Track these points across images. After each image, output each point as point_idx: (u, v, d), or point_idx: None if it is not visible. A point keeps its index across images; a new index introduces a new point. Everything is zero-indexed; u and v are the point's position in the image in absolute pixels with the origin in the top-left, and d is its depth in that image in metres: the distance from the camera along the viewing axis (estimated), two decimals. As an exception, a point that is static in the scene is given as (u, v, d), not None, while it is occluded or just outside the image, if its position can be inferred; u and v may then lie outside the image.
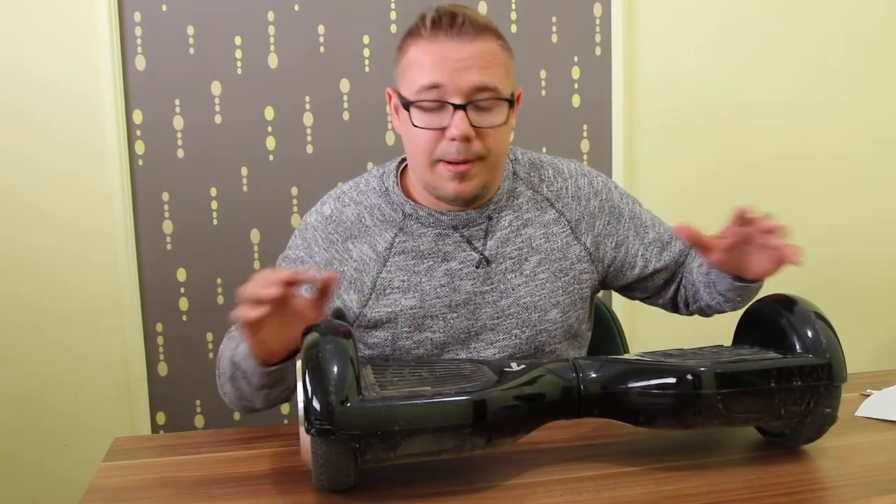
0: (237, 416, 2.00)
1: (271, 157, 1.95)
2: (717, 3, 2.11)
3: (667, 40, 2.09)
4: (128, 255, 1.89)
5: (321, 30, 1.93)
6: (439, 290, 1.12)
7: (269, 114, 1.93)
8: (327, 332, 0.84)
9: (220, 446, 0.99)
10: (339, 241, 1.15)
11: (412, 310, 1.12)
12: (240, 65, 1.91)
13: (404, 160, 1.19)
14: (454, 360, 0.98)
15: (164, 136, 1.90)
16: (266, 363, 0.97)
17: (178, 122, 1.90)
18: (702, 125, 2.14)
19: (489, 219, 1.15)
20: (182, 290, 1.94)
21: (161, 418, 1.97)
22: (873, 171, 2.25)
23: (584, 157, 2.08)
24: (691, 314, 1.27)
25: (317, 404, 0.78)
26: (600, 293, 1.31)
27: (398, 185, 1.16)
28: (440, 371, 0.90)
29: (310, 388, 0.78)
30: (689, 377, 0.86)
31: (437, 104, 1.04)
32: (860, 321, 2.23)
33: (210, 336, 1.97)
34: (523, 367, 0.89)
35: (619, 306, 2.00)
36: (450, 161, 1.05)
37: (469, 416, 0.80)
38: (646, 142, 2.11)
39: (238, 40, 1.90)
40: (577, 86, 2.06)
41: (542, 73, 2.03)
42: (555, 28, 2.03)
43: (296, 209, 1.97)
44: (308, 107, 1.95)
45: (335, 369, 0.79)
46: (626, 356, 0.94)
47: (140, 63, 1.87)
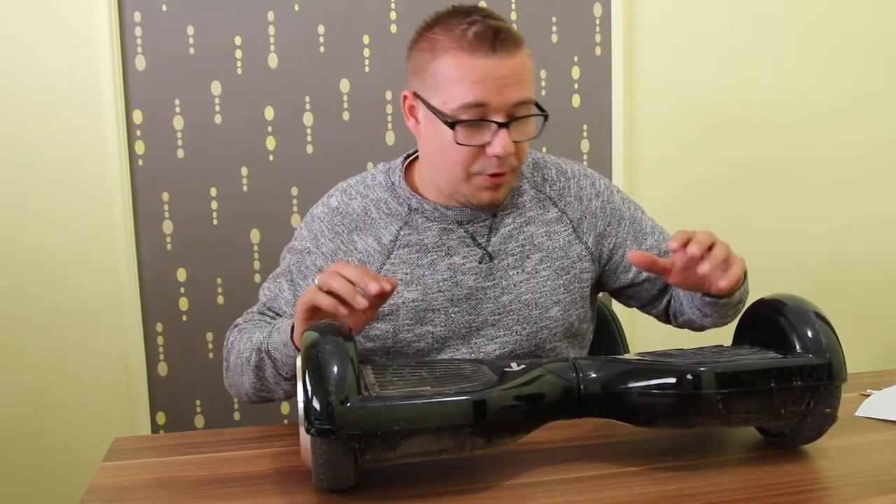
0: (237, 416, 2.00)
1: (271, 157, 1.95)
2: (716, 2, 2.11)
3: (667, 40, 2.09)
4: (128, 255, 1.89)
5: (321, 30, 1.93)
6: (441, 283, 1.13)
7: (269, 114, 1.93)
8: (327, 332, 0.84)
9: (220, 446, 0.99)
10: (344, 232, 1.16)
11: (414, 302, 1.12)
12: (240, 65, 1.91)
13: (409, 156, 1.20)
14: (454, 361, 0.98)
15: (164, 136, 1.90)
16: None
17: (178, 122, 1.90)
18: (702, 125, 2.14)
19: (493, 215, 1.16)
20: (182, 290, 1.94)
21: (161, 418, 1.97)
22: (873, 170, 2.25)
23: (584, 157, 2.08)
24: (681, 327, 1.26)
25: (317, 404, 0.77)
26: (600, 294, 1.31)
27: (404, 179, 1.16)
28: (440, 371, 0.90)
29: (310, 387, 0.78)
30: (689, 377, 0.86)
31: (480, 122, 1.04)
32: (860, 321, 2.23)
33: (210, 336, 1.97)
34: (523, 367, 0.89)
35: (619, 306, 1.99)
36: (487, 174, 1.07)
37: (469, 416, 0.80)
38: (646, 142, 2.11)
39: (238, 40, 1.90)
40: (577, 86, 2.06)
41: (542, 73, 2.03)
42: (555, 28, 2.03)
43: (296, 209, 1.97)
44: (308, 107, 1.95)
45: (335, 369, 0.79)
46: (626, 356, 0.94)
47: (140, 63, 1.87)
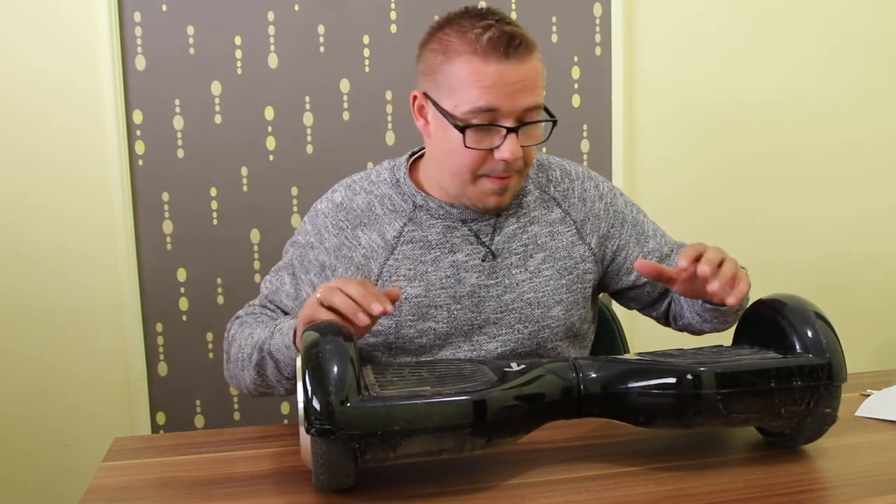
0: (237, 416, 2.00)
1: (271, 157, 1.95)
2: (716, 2, 2.11)
3: (667, 40, 2.09)
4: (128, 255, 1.89)
5: (321, 30, 1.93)
6: (444, 280, 1.13)
7: (269, 114, 1.93)
8: (327, 332, 0.84)
9: (220, 446, 0.99)
10: (348, 227, 1.16)
11: (416, 298, 1.12)
12: (240, 65, 1.91)
13: (414, 154, 1.20)
14: (454, 361, 0.98)
15: (164, 136, 1.90)
16: None
17: (178, 122, 1.90)
18: (701, 125, 2.14)
19: (497, 215, 1.16)
20: (182, 290, 1.94)
21: (161, 418, 1.97)
22: (873, 170, 2.25)
23: (584, 157, 2.08)
24: (680, 330, 1.26)
25: (317, 404, 0.78)
26: (600, 294, 1.31)
27: (409, 177, 1.17)
28: (440, 371, 0.90)
29: (310, 388, 0.78)
30: (689, 377, 0.86)
31: (489, 126, 1.05)
32: (860, 321, 2.23)
33: (210, 336, 1.97)
34: (523, 367, 0.89)
35: (619, 307, 2.00)
36: (494, 176, 1.08)
37: (469, 417, 0.80)
38: (646, 142, 2.11)
39: (238, 40, 1.90)
40: (577, 86, 2.06)
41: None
42: (555, 28, 2.03)
43: (296, 209, 1.97)
44: (308, 107, 1.95)
45: (335, 369, 0.79)
46: (626, 356, 0.94)
47: (140, 63, 1.87)
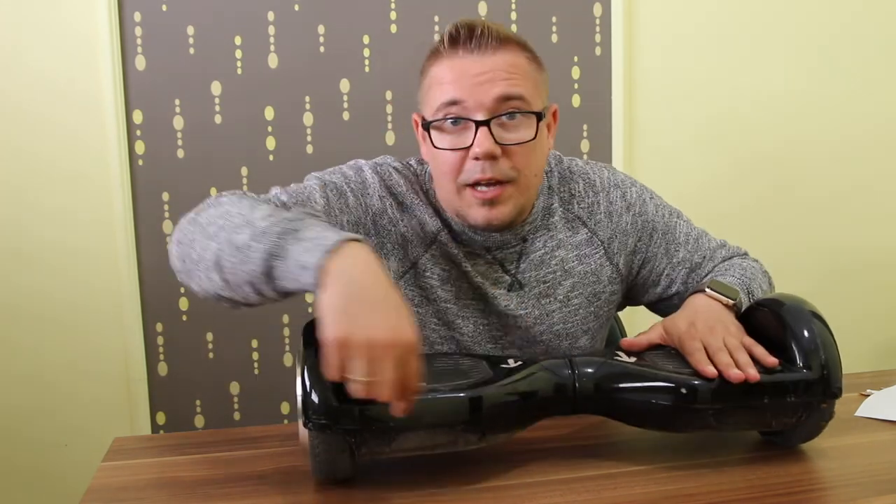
0: (237, 416, 2.00)
1: (271, 157, 1.95)
2: (717, 2, 2.11)
3: (667, 40, 2.09)
4: (128, 255, 1.89)
5: (321, 30, 1.93)
6: (475, 293, 1.07)
7: (269, 114, 1.93)
8: None
9: (220, 446, 0.99)
10: (391, 200, 1.06)
11: (445, 302, 1.06)
12: (240, 65, 1.91)
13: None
14: (453, 355, 0.98)
15: (164, 136, 1.89)
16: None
17: (178, 122, 1.90)
18: (702, 125, 2.14)
19: (524, 240, 1.09)
20: (182, 290, 1.94)
21: (161, 418, 1.97)
22: (874, 169, 2.25)
23: (584, 157, 2.07)
24: None
25: (315, 400, 0.78)
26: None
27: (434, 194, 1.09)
28: (439, 366, 0.91)
29: (308, 383, 0.79)
30: (684, 391, 0.86)
31: (457, 122, 0.98)
32: (860, 321, 2.23)
33: (210, 336, 1.97)
34: (520, 363, 0.90)
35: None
36: (477, 183, 0.98)
37: (462, 414, 0.81)
38: (646, 142, 2.11)
39: (238, 40, 1.90)
40: (577, 86, 2.06)
41: (542, 73, 2.03)
42: (555, 28, 2.03)
43: (296, 209, 1.96)
44: (308, 107, 1.95)
45: None
46: (623, 357, 0.93)
47: (140, 63, 1.87)
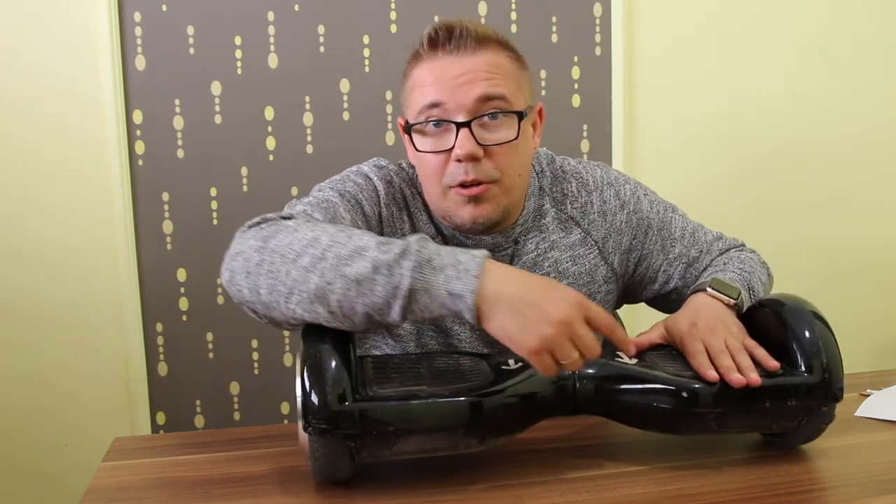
0: (237, 416, 2.00)
1: (271, 157, 1.95)
2: (717, 2, 2.11)
3: (667, 40, 2.09)
4: (128, 255, 1.89)
5: (321, 30, 1.93)
6: None
7: (269, 114, 1.93)
8: (327, 332, 0.84)
9: (220, 446, 0.99)
10: (395, 207, 1.08)
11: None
12: (240, 65, 1.91)
13: None
14: (454, 354, 0.98)
15: (164, 136, 1.89)
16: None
17: (178, 122, 1.90)
18: (702, 125, 2.14)
19: (515, 243, 1.08)
20: (182, 290, 1.94)
21: (161, 418, 1.97)
22: (874, 169, 2.25)
23: (584, 157, 2.08)
24: None
25: (314, 403, 0.78)
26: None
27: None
28: (439, 367, 0.91)
29: (308, 386, 0.79)
30: (685, 394, 0.86)
31: (439, 124, 0.98)
32: (860, 321, 2.23)
33: (210, 336, 1.97)
34: (520, 364, 0.89)
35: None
36: (462, 185, 0.98)
37: (462, 418, 0.81)
38: (646, 142, 2.11)
39: (238, 40, 1.90)
40: (577, 86, 2.06)
41: (542, 73, 2.03)
42: (555, 28, 2.03)
43: (296, 209, 1.96)
44: (308, 107, 1.95)
45: (333, 369, 0.80)
46: (624, 358, 0.93)
47: (140, 63, 1.87)
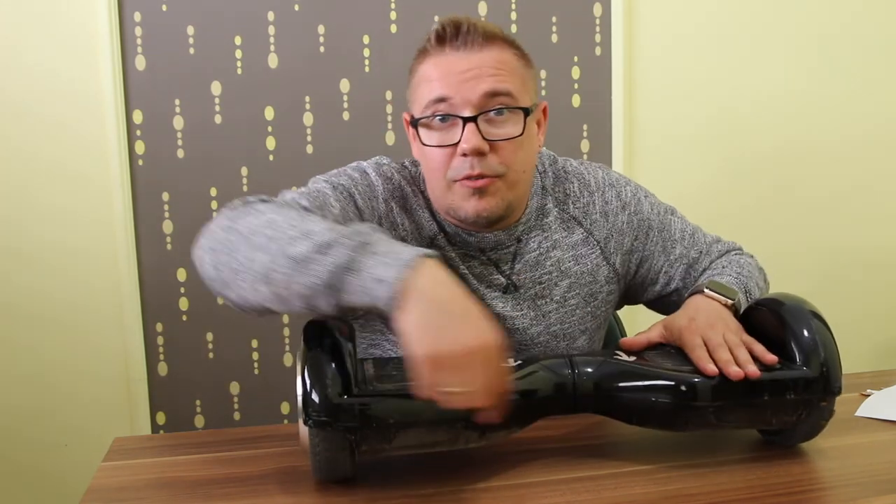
0: (237, 416, 2.00)
1: (271, 157, 1.95)
2: (717, 2, 2.11)
3: (667, 40, 2.09)
4: (128, 255, 1.89)
5: (321, 30, 1.93)
6: (472, 295, 1.05)
7: (269, 114, 1.93)
8: (328, 327, 0.85)
9: (220, 446, 0.99)
10: (393, 202, 1.08)
11: None
12: (240, 65, 1.91)
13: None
14: None
15: (164, 136, 1.90)
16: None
17: (178, 122, 1.90)
18: (702, 125, 2.14)
19: (518, 241, 1.09)
20: (182, 290, 1.94)
21: (161, 418, 1.97)
22: (874, 169, 2.25)
23: (584, 157, 2.08)
24: None
25: (315, 397, 0.79)
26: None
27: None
28: None
29: (308, 381, 0.80)
30: (683, 388, 0.86)
31: (445, 119, 0.99)
32: (860, 321, 2.23)
33: (210, 336, 1.97)
34: (520, 362, 0.90)
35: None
36: (467, 178, 0.99)
37: (462, 411, 0.81)
38: (646, 142, 2.11)
39: (238, 40, 1.90)
40: (577, 86, 2.06)
41: (542, 73, 2.03)
42: (555, 28, 2.03)
43: (296, 209, 1.96)
44: (308, 107, 1.95)
45: (334, 364, 0.80)
46: (623, 356, 0.93)
47: (140, 63, 1.87)
